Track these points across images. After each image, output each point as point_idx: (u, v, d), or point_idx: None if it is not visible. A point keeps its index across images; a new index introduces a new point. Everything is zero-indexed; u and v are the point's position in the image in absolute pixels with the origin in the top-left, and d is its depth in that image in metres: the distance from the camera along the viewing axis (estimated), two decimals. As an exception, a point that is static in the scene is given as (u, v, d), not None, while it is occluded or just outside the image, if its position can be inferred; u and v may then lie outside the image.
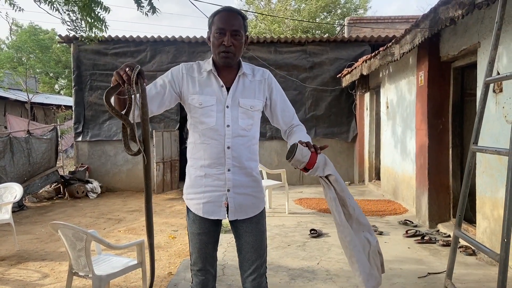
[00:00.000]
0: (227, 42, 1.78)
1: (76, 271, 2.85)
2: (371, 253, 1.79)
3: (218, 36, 1.79)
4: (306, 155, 1.67)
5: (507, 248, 1.71)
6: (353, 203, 1.79)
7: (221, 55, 1.80)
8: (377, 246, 1.82)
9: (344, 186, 1.78)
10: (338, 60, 9.00)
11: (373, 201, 6.76)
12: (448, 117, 5.09)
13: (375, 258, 1.80)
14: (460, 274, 3.44)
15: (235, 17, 1.82)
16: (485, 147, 2.06)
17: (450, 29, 4.66)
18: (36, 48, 18.84)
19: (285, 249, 4.27)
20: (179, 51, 8.93)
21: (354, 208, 1.78)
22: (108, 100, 1.54)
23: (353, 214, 1.78)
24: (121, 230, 5.56)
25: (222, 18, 1.80)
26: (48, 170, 8.04)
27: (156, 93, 1.83)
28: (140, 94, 1.51)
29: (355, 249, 1.75)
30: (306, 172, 1.72)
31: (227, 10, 1.83)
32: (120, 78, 1.51)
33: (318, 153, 1.69)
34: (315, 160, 1.69)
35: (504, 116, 3.65)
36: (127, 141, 1.56)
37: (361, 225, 1.80)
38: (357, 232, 1.79)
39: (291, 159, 1.66)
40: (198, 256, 1.91)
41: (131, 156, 1.55)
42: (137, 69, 1.49)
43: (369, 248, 1.79)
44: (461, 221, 2.18)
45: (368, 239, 1.80)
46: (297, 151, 1.65)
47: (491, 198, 3.89)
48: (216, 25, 1.80)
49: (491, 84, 2.40)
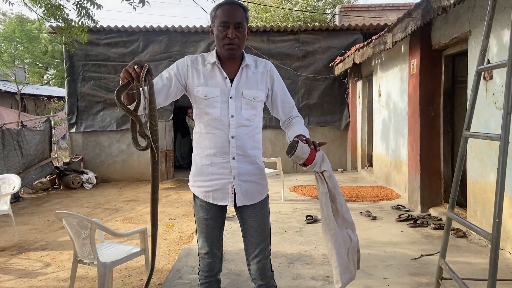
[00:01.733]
0: (232, 35, 1.83)
1: (81, 258, 2.92)
2: (351, 249, 1.90)
3: (222, 29, 1.84)
4: (306, 152, 1.75)
5: (498, 227, 1.82)
6: (341, 201, 1.88)
7: (226, 47, 1.85)
8: (357, 243, 1.92)
9: (336, 184, 1.88)
10: (331, 49, 9.05)
11: (366, 187, 6.90)
12: (439, 104, 5.20)
13: (354, 254, 1.91)
14: (452, 256, 3.58)
15: (237, 9, 1.87)
16: (477, 132, 2.15)
17: (442, 18, 4.74)
18: (24, 38, 18.54)
19: (283, 234, 4.38)
20: (172, 40, 8.91)
21: (342, 205, 1.88)
22: (119, 98, 1.59)
23: (340, 210, 1.88)
24: (119, 220, 5.63)
25: (225, 11, 1.85)
26: (43, 161, 8.04)
27: (163, 86, 1.89)
28: (148, 91, 1.57)
29: (336, 243, 1.85)
30: (305, 167, 1.80)
31: (229, 3, 1.88)
32: (129, 76, 1.55)
33: (317, 150, 1.78)
34: (314, 156, 1.77)
35: (494, 103, 3.76)
36: (136, 136, 1.62)
37: (345, 222, 1.90)
38: (341, 227, 1.89)
39: (292, 155, 1.74)
40: (205, 240, 1.99)
41: (140, 150, 1.61)
42: (146, 68, 1.54)
43: (349, 245, 1.89)
44: (454, 204, 2.28)
45: (350, 235, 1.90)
46: (297, 148, 1.72)
47: (481, 182, 4.02)
48: (220, 19, 1.85)
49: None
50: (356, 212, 5.22)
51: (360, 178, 8.06)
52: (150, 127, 1.57)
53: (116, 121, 8.87)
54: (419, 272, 3.30)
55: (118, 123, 8.87)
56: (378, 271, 3.33)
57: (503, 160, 1.81)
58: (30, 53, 18.76)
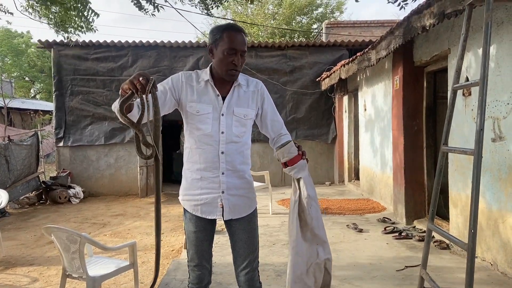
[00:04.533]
0: (238, 62, 1.92)
1: (70, 273, 2.93)
2: (314, 265, 1.92)
3: (229, 56, 1.90)
4: (292, 153, 1.92)
5: (473, 238, 1.92)
6: (314, 214, 1.92)
7: (230, 72, 1.93)
8: (324, 262, 1.94)
9: (313, 195, 1.94)
10: (317, 64, 9.25)
11: (353, 200, 7.00)
12: (422, 118, 5.36)
13: (317, 271, 1.93)
14: (435, 267, 3.67)
15: (243, 37, 1.95)
16: (453, 147, 2.27)
17: (423, 36, 4.92)
18: (11, 52, 18.50)
19: (271, 247, 4.43)
20: (161, 55, 9.00)
21: (313, 219, 1.92)
22: (122, 110, 1.62)
23: (310, 223, 1.92)
24: (107, 234, 5.61)
25: (234, 38, 1.91)
26: (29, 176, 7.98)
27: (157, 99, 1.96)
28: (153, 102, 1.61)
29: (292, 251, 1.92)
30: (285, 167, 1.96)
31: (236, 30, 1.95)
32: (134, 87, 1.57)
33: (303, 158, 1.94)
34: (297, 161, 1.93)
35: (473, 118, 3.91)
36: (140, 145, 1.66)
37: (315, 238, 1.94)
38: (310, 242, 1.93)
39: (279, 148, 1.92)
40: (195, 252, 2.05)
41: (144, 159, 1.67)
42: (152, 81, 1.58)
43: (314, 259, 1.93)
44: (433, 216, 2.39)
45: (318, 252, 1.94)
46: (288, 145, 1.91)
47: (463, 195, 4.15)
48: (228, 45, 1.90)
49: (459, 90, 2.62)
50: (343, 224, 5.30)
51: (347, 191, 8.17)
52: (154, 137, 1.62)
53: (104, 135, 8.87)
54: (403, 283, 3.38)
55: (106, 137, 8.87)
56: (364, 282, 3.40)
57: (477, 173, 1.92)
58: (17, 67, 18.68)
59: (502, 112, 3.47)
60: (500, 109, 3.49)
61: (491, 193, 3.62)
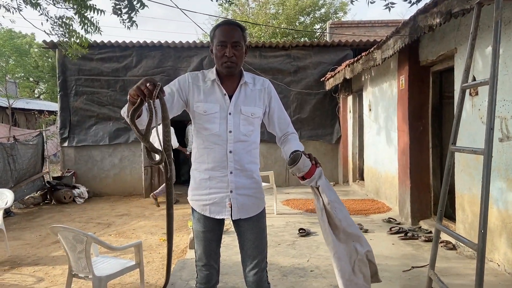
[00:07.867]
0: (229, 53, 1.91)
1: (76, 272, 2.93)
2: (357, 261, 1.91)
3: (220, 48, 1.93)
4: (307, 166, 1.83)
5: (484, 238, 1.90)
6: (341, 215, 1.90)
7: (224, 65, 1.94)
8: (365, 255, 1.92)
9: (335, 197, 1.91)
10: (322, 64, 9.22)
11: (358, 201, 6.97)
12: (428, 118, 5.33)
13: (362, 266, 1.91)
14: (442, 267, 3.65)
15: (234, 29, 1.96)
16: (462, 147, 2.25)
17: (429, 35, 4.90)
18: (14, 52, 18.56)
19: (276, 248, 4.42)
20: (165, 56, 9.01)
21: (341, 220, 1.90)
22: (133, 120, 1.60)
23: (340, 225, 1.91)
24: (112, 234, 5.62)
25: (223, 31, 1.94)
26: (34, 176, 8.00)
27: (165, 101, 1.95)
28: (162, 107, 1.59)
29: (335, 256, 1.89)
30: (303, 180, 1.88)
31: (227, 23, 1.98)
32: (141, 93, 1.54)
33: (317, 167, 1.87)
34: (313, 171, 1.86)
35: (480, 118, 3.89)
36: (150, 153, 1.65)
37: (350, 236, 1.92)
38: (346, 241, 1.92)
39: (293, 166, 1.82)
40: (203, 252, 2.04)
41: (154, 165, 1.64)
42: (159, 86, 1.55)
43: (355, 257, 1.91)
44: (441, 216, 2.37)
45: (356, 248, 1.92)
46: (300, 160, 1.81)
47: (470, 195, 4.12)
48: (218, 38, 1.94)
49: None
50: (348, 225, 5.28)
51: (352, 192, 8.15)
52: (164, 142, 1.59)
53: (109, 135, 8.89)
54: (411, 283, 3.36)
55: (111, 137, 8.89)
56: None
57: (487, 173, 1.90)
58: (21, 67, 18.74)
59: (510, 112, 3.45)
60: (508, 108, 3.47)
61: (498, 193, 3.59)
